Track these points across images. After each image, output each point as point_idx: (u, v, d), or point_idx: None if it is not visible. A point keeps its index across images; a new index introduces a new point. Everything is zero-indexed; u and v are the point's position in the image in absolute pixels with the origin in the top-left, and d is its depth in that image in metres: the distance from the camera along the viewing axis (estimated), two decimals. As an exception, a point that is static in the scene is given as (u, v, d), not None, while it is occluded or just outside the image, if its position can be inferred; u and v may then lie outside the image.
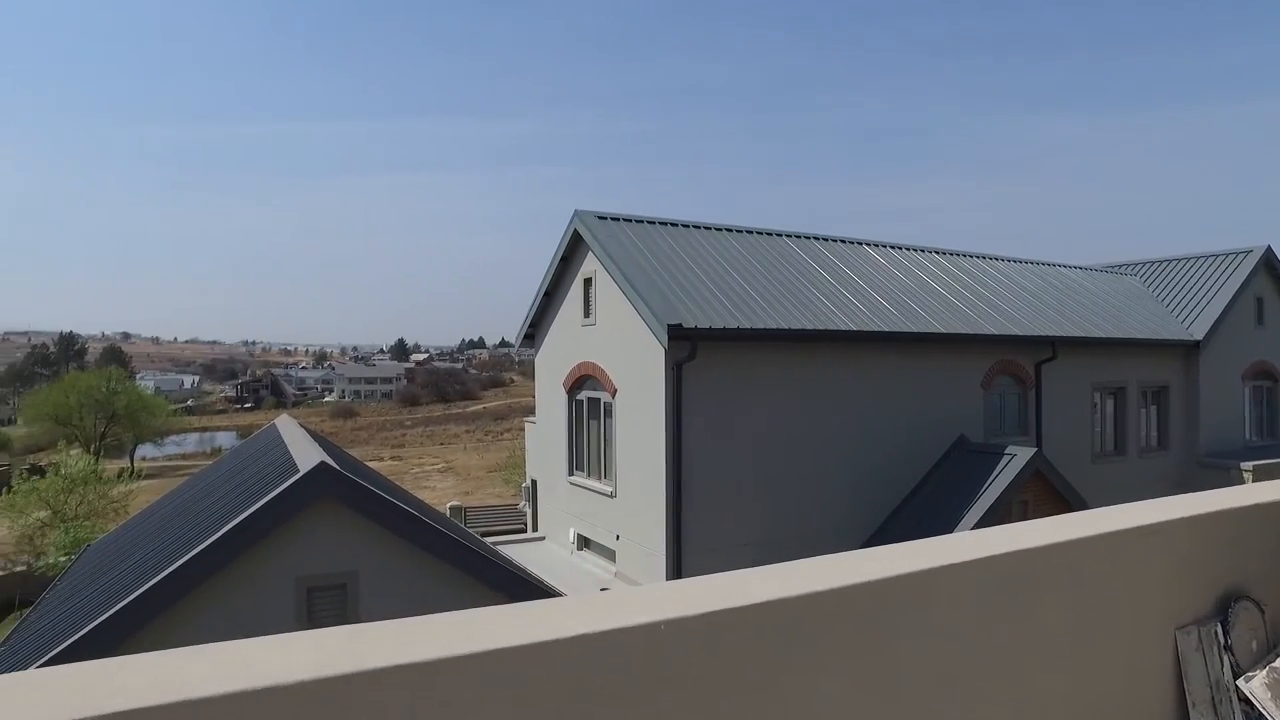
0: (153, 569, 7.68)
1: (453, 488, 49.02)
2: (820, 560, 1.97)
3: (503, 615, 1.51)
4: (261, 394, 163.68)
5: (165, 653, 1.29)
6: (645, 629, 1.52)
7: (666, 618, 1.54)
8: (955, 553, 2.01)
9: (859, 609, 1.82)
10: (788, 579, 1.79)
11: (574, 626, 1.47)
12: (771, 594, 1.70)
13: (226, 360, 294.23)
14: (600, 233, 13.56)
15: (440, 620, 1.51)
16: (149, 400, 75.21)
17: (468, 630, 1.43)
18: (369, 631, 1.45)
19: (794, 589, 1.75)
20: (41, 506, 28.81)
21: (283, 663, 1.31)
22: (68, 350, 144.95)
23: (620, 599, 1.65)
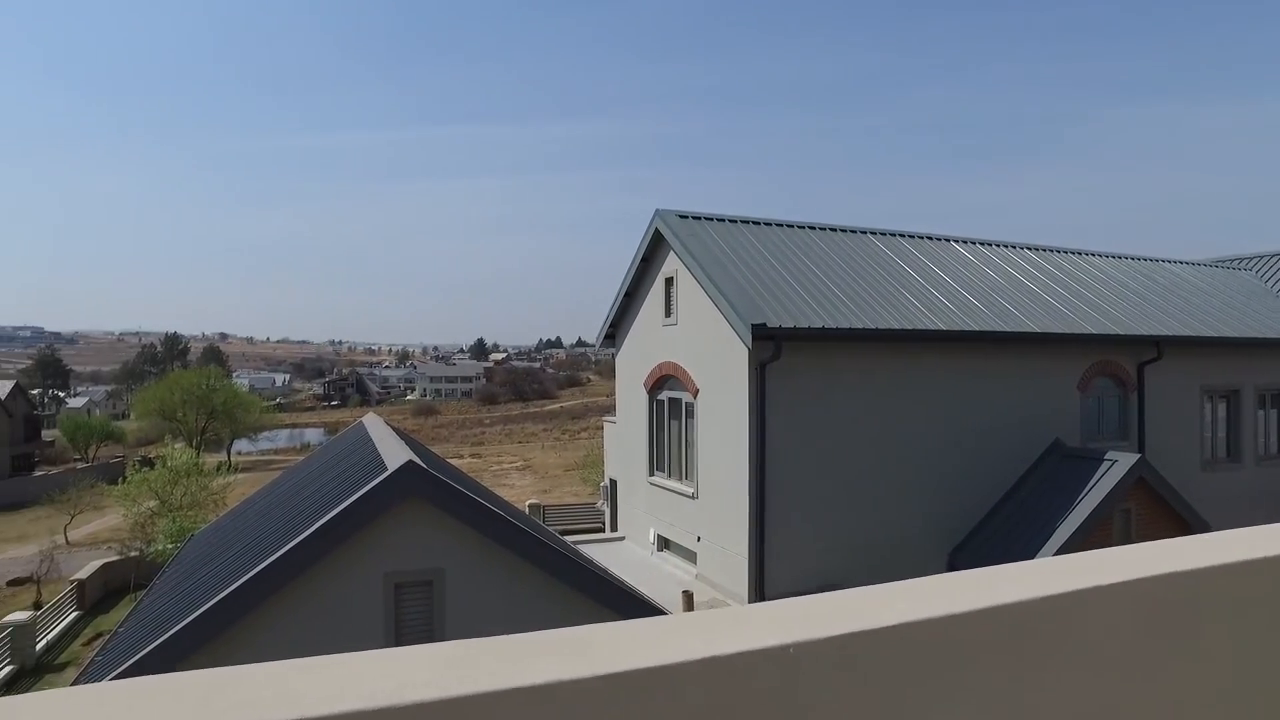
0: (250, 562, 7.93)
1: (531, 486, 49.67)
2: (956, 578, 1.81)
3: (622, 634, 1.40)
4: (347, 392, 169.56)
5: (277, 666, 1.23)
6: (774, 652, 1.40)
7: (795, 640, 1.41)
8: (1104, 572, 1.81)
9: (1002, 633, 1.65)
10: (923, 599, 1.64)
11: (697, 648, 1.35)
12: (907, 615, 1.55)
13: (315, 359, 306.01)
14: (681, 231, 13.45)
15: (555, 638, 1.42)
16: (244, 397, 78.72)
17: (585, 649, 1.34)
18: (481, 649, 1.37)
19: (930, 610, 1.59)
20: (151, 496, 30.41)
21: (396, 681, 1.23)
22: (172, 350, 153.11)
23: (743, 617, 1.53)
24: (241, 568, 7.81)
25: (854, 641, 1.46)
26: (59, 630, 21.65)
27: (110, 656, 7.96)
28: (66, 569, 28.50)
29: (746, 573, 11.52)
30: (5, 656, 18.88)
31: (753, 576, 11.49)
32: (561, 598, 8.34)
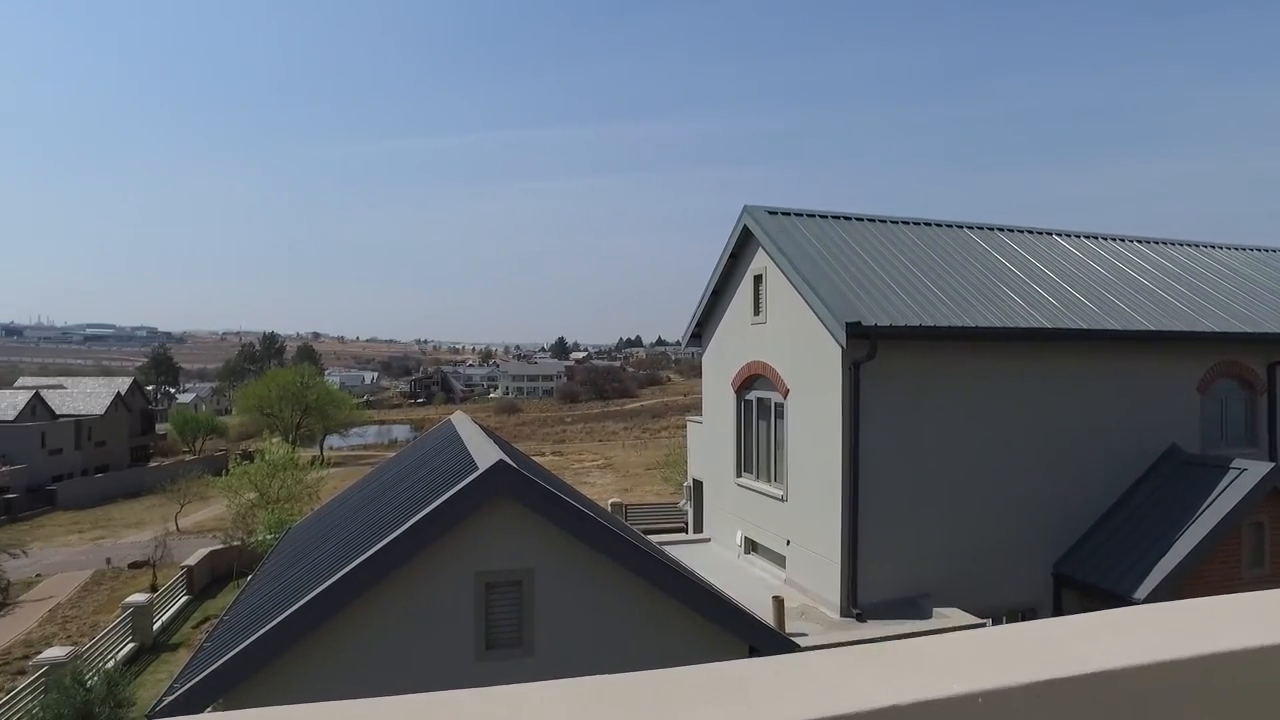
0: (344, 559, 8.06)
1: (612, 484, 49.90)
2: (1156, 611, 1.55)
3: (784, 674, 1.22)
4: (432, 390, 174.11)
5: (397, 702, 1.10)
6: (960, 701, 1.19)
7: (984, 688, 1.20)
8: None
9: (1221, 686, 1.40)
10: (1124, 639, 1.40)
11: (874, 694, 1.16)
12: (1110, 662, 1.31)
13: (401, 358, 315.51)
14: (771, 228, 13.14)
15: (705, 677, 1.23)
16: (335, 395, 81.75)
17: (743, 694, 1.16)
18: (623, 685, 1.20)
19: (1137, 655, 1.35)
20: (251, 488, 31.77)
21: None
22: (270, 348, 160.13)
23: (921, 654, 1.32)
24: (336, 564, 7.94)
25: (1049, 690, 1.24)
26: (172, 612, 22.80)
27: (216, 644, 8.22)
28: (178, 555, 30.07)
29: (839, 579, 11.16)
30: (128, 635, 19.99)
31: (845, 583, 11.12)
32: (650, 601, 8.20)
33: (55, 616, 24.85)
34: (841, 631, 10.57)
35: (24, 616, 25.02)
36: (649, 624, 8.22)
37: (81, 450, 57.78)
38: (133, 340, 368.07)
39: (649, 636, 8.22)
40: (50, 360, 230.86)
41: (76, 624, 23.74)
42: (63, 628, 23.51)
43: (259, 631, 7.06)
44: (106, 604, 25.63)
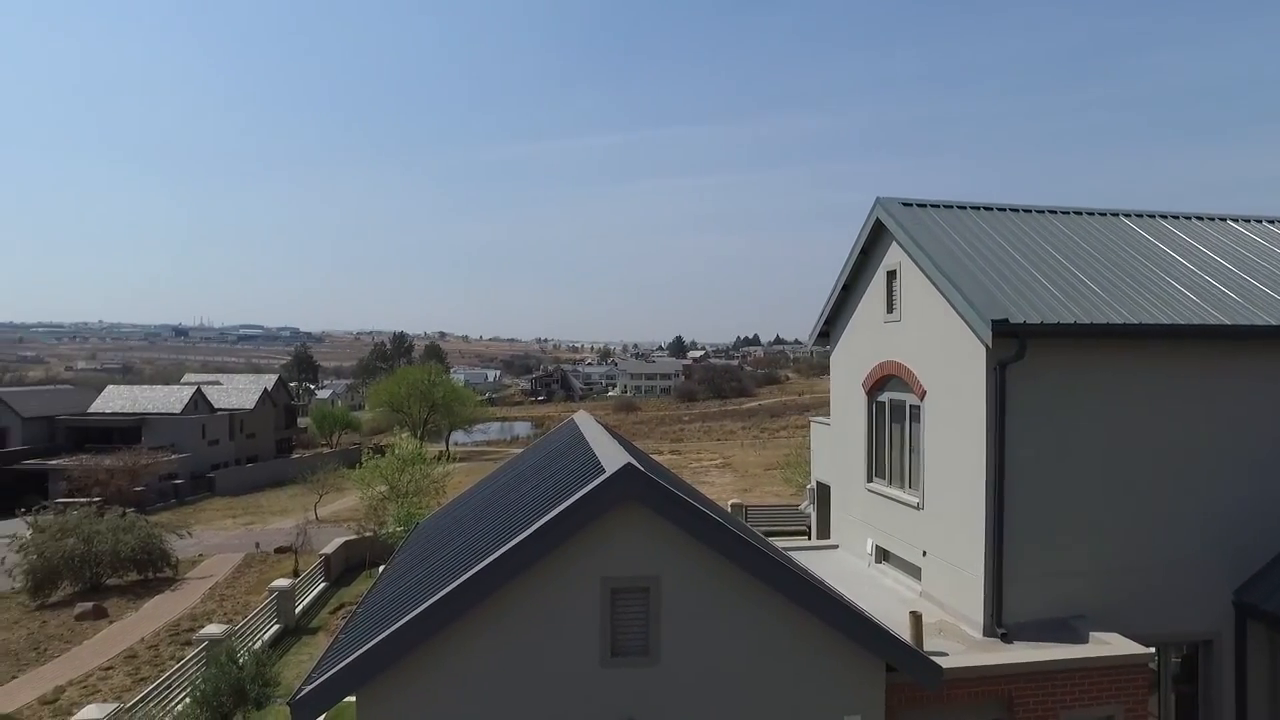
0: (472, 557, 8.07)
1: (731, 484, 49.37)
2: None
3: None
4: (552, 388, 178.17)
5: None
6: None
7: None
8: None
9: None
10: None
11: None
12: None
13: (523, 356, 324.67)
14: (906, 221, 12.41)
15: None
16: (460, 392, 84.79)
17: None
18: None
19: None
20: (382, 481, 33.11)
21: None
22: (399, 347, 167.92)
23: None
24: (464, 564, 7.95)
25: None
26: (311, 597, 24.05)
27: (350, 637, 8.41)
28: (317, 543, 31.78)
29: (981, 596, 10.37)
30: (273, 617, 21.22)
31: (989, 600, 10.32)
32: (781, 612, 7.81)
33: (214, 594, 26.73)
34: (986, 652, 9.81)
35: (189, 592, 27.04)
36: (779, 636, 7.84)
37: (235, 441, 62.24)
38: (278, 340, 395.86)
39: (779, 649, 7.85)
40: (209, 358, 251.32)
41: (231, 602, 25.43)
42: (220, 605, 25.24)
43: (389, 628, 7.13)
44: (255, 585, 27.37)
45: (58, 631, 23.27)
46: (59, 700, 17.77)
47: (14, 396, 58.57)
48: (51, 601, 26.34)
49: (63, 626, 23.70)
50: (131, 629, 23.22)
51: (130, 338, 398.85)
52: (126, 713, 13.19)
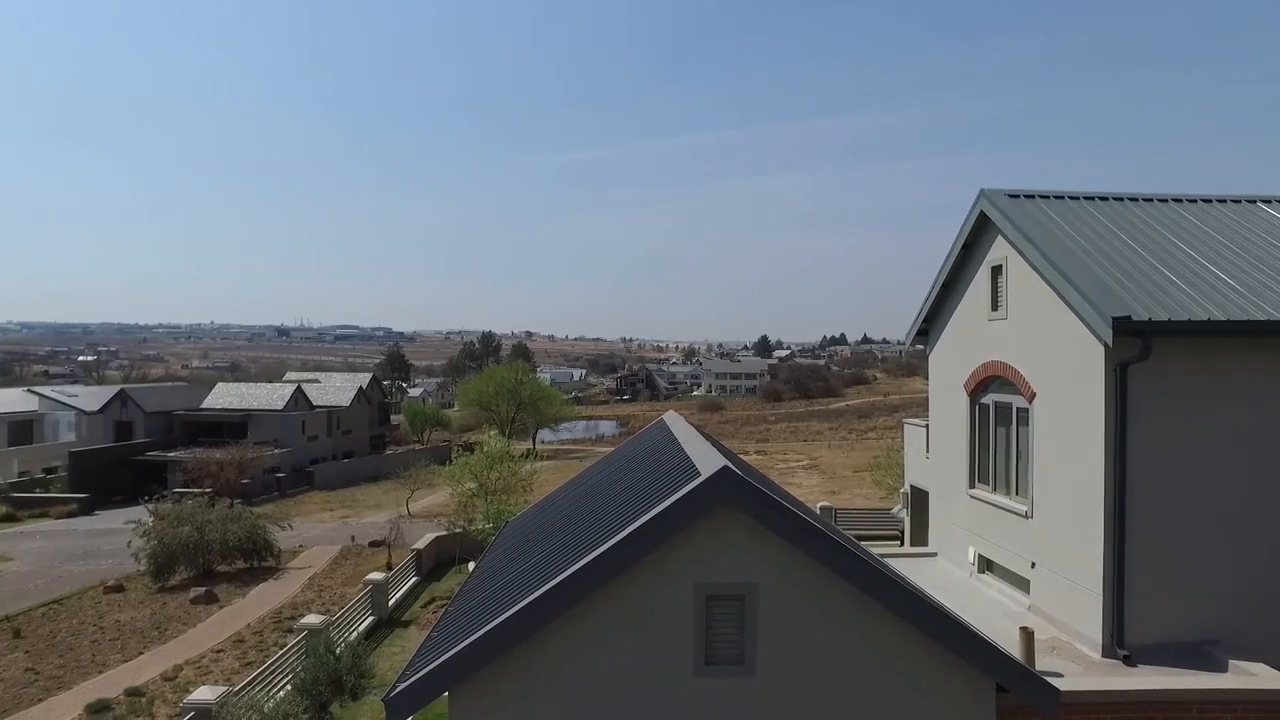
0: (563, 559, 7.97)
1: (818, 486, 48.38)
2: None
3: None
4: (637, 387, 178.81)
5: None
6: None
7: None
8: None
9: None
10: None
11: None
12: None
13: (608, 355, 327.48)
14: (1013, 213, 11.73)
15: None
16: (547, 391, 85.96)
17: None
18: None
19: None
20: (471, 478, 33.74)
21: None
22: (487, 347, 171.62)
23: None
24: (555, 566, 7.86)
25: None
26: (404, 591, 24.65)
27: (442, 635, 8.43)
28: (409, 537, 32.65)
29: (1100, 612, 9.68)
30: (368, 609, 21.83)
31: (1109, 618, 9.62)
32: (883, 625, 7.41)
33: (313, 584, 27.75)
34: (1107, 676, 9.13)
35: (291, 582, 28.17)
36: (882, 651, 7.45)
37: (332, 437, 64.69)
38: (372, 339, 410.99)
39: (882, 665, 7.45)
40: (308, 357, 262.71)
41: (329, 593, 26.33)
42: (318, 595, 26.17)
43: (483, 629, 7.09)
44: (351, 577, 28.28)
45: (175, 613, 24.59)
46: (177, 678, 18.76)
47: (139, 393, 62.49)
48: (170, 585, 27.90)
49: (180, 609, 25.04)
50: (239, 614, 24.31)
51: (238, 338, 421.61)
52: (234, 696, 13.71)
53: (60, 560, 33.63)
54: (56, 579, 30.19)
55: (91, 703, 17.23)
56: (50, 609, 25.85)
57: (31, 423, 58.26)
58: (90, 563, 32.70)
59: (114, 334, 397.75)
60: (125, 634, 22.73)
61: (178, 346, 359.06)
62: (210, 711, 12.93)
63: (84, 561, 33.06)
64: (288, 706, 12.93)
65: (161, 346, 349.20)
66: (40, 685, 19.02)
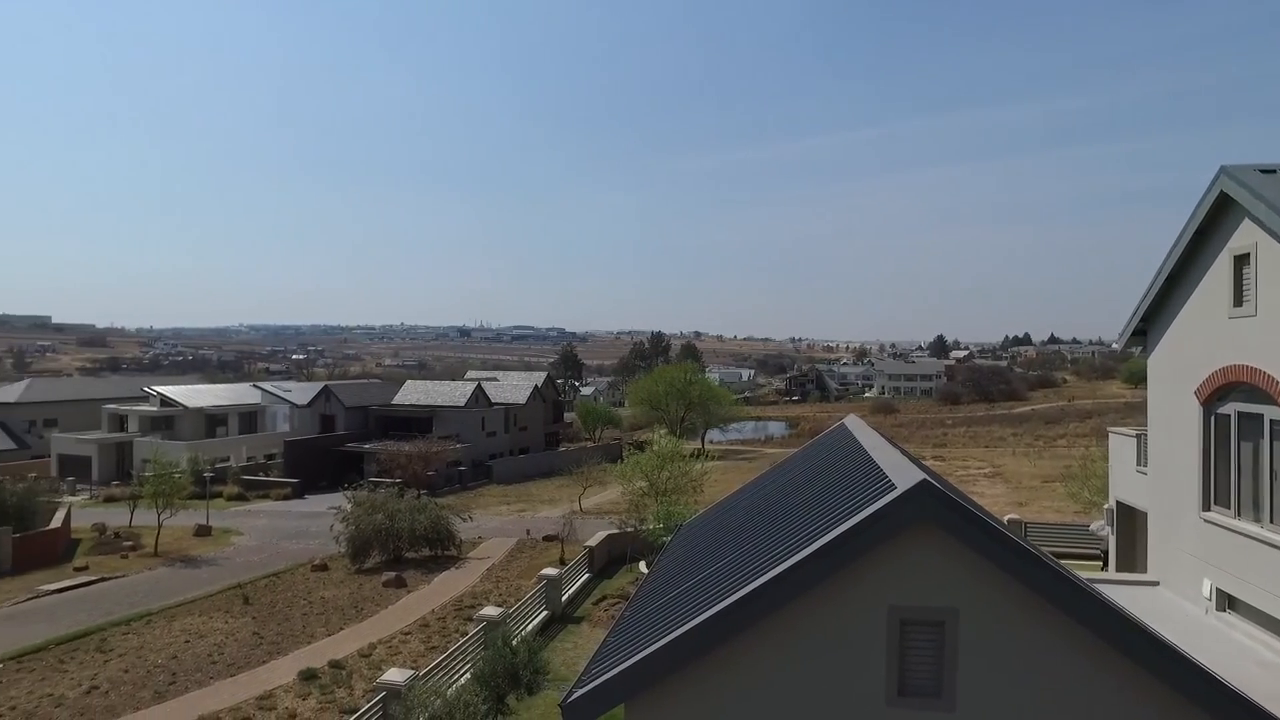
0: (747, 570, 7.61)
1: (1003, 496, 45.06)
2: None
3: None
4: (807, 387, 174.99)
5: None
6: None
7: None
8: None
9: None
10: None
11: None
12: None
13: (776, 356, 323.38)
14: (1267, 191, 10.11)
15: None
16: (716, 391, 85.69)
17: None
18: None
19: None
20: (642, 477, 34.06)
21: None
22: (657, 347, 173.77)
23: None
24: (738, 577, 7.51)
25: None
26: (576, 587, 25.16)
27: (620, 640, 8.31)
28: (582, 533, 33.42)
29: (1382, 665, 8.11)
30: (542, 603, 22.44)
31: (1395, 673, 8.04)
32: (1109, 666, 6.50)
33: (491, 575, 28.99)
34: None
35: (470, 571, 29.60)
36: (1104, 695, 6.53)
37: (509, 434, 67.73)
38: (546, 339, 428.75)
39: (1103, 711, 6.54)
40: (487, 356, 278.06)
41: (505, 584, 27.40)
42: (495, 586, 27.29)
43: (662, 639, 6.86)
44: (526, 570, 29.28)
45: (370, 595, 26.48)
46: (371, 655, 20.15)
47: (340, 389, 68.33)
48: (365, 567, 30.13)
49: (373, 590, 26.94)
50: (424, 600, 25.77)
51: (424, 338, 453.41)
52: (420, 679, 14.40)
53: (278, 537, 37.26)
54: (275, 554, 33.47)
55: (303, 670, 18.81)
56: (270, 581, 28.66)
57: (256, 414, 65.21)
58: (300, 541, 35.98)
59: (320, 335, 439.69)
60: (329, 610, 24.70)
61: (373, 346, 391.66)
62: (400, 692, 13.63)
63: (296, 540, 36.43)
64: (468, 695, 13.40)
65: (359, 346, 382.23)
66: (264, 649, 21.09)
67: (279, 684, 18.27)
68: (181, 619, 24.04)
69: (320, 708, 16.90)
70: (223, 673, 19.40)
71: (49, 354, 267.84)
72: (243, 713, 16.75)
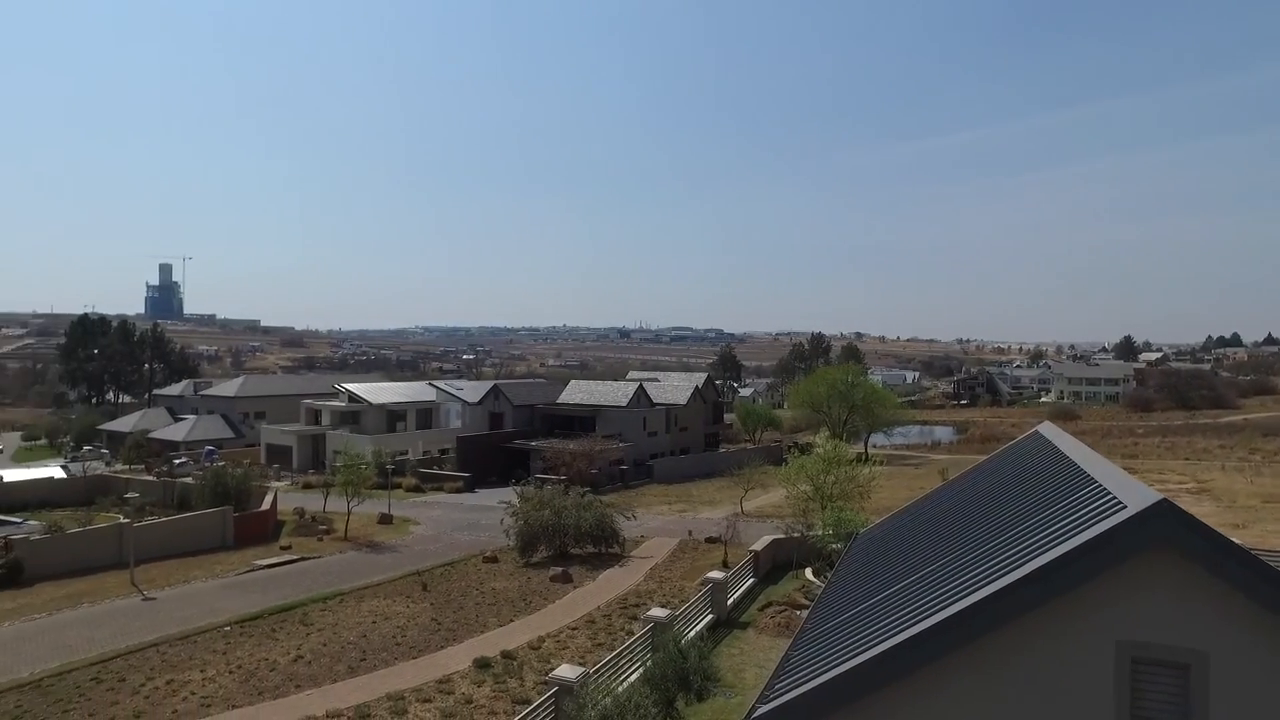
0: (945, 590, 7.04)
1: (1214, 517, 40.31)
2: None
3: None
4: (976, 391, 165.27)
5: None
6: None
7: None
8: None
9: None
10: None
11: None
12: None
13: (942, 357, 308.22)
14: None
15: None
16: (880, 393, 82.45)
17: None
18: None
19: None
20: (806, 481, 33.14)
21: None
22: (816, 348, 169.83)
23: None
24: (935, 597, 6.96)
25: None
26: (741, 591, 24.80)
27: (802, 656, 7.94)
28: (744, 536, 32.99)
29: None
30: (707, 607, 22.27)
31: None
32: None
33: (654, 575, 29.15)
34: None
35: (634, 570, 29.92)
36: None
37: (670, 434, 68.21)
38: (704, 340, 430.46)
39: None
40: (646, 357, 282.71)
41: (668, 585, 27.45)
42: (659, 586, 27.40)
43: (856, 656, 6.46)
44: (689, 571, 29.23)
45: (537, 588, 27.33)
46: (540, 648, 20.74)
47: (508, 388, 71.48)
48: (533, 561, 31.17)
49: (541, 584, 27.79)
50: (590, 596, 26.27)
51: (586, 339, 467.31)
52: (592, 676, 14.58)
53: (451, 528, 39.34)
54: (449, 544, 35.33)
55: (477, 658, 19.63)
56: (445, 570, 30.27)
57: (431, 410, 69.32)
58: (472, 533, 37.78)
59: (488, 336, 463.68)
60: (500, 601, 25.70)
61: (537, 346, 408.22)
62: (571, 688, 13.86)
63: (467, 532, 38.29)
64: (638, 697, 13.41)
65: (524, 347, 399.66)
66: (441, 634, 22.25)
67: (455, 669, 19.15)
68: (369, 600, 25.79)
69: (494, 696, 17.53)
70: (405, 654, 20.59)
71: (258, 354, 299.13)
72: (424, 694, 17.65)
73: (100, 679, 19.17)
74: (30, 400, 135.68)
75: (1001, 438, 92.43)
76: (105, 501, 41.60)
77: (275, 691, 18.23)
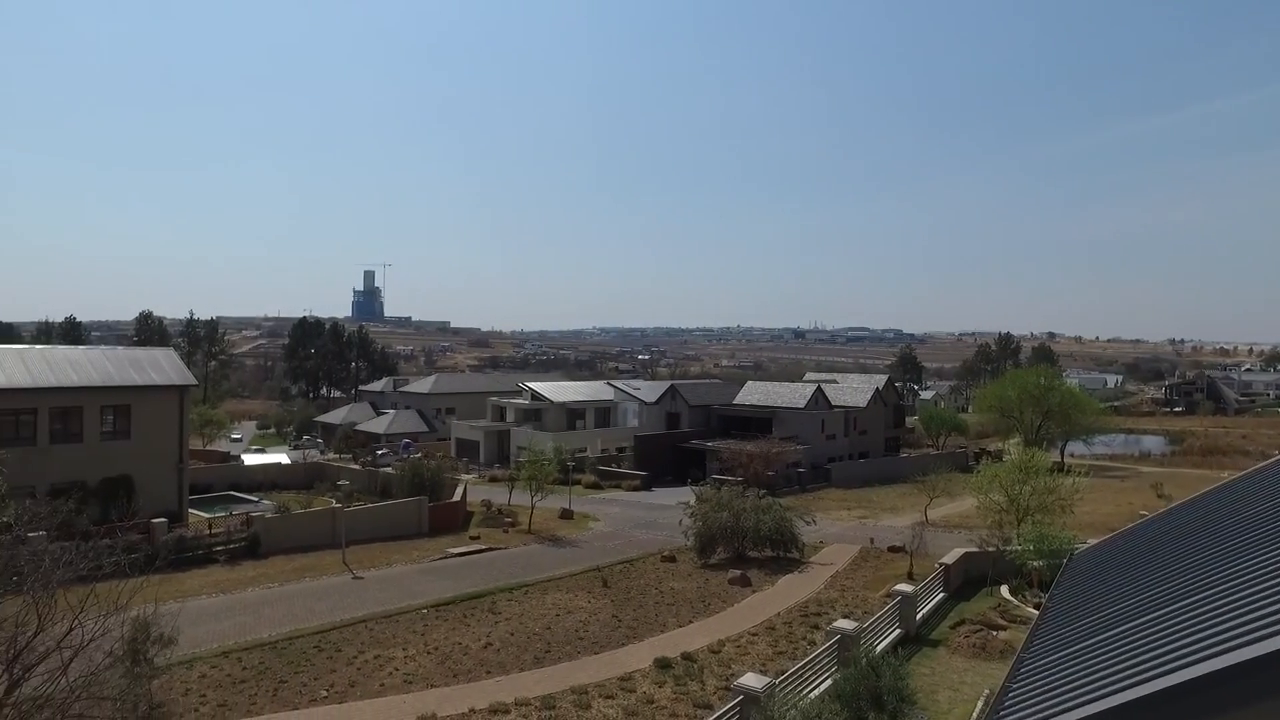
0: (1218, 631, 6.06)
1: None
2: None
3: None
4: (1195, 397, 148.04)
5: None
6: None
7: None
8: None
9: None
10: None
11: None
12: None
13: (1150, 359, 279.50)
14: None
15: None
16: (1079, 398, 75.53)
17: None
18: None
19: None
20: (999, 490, 30.80)
21: None
22: (1005, 349, 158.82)
23: None
24: (1207, 635, 6.00)
25: None
26: (930, 607, 23.40)
27: (1030, 688, 7.15)
28: (931, 547, 31.21)
29: None
30: (895, 621, 21.18)
31: None
32: None
33: (835, 583, 28.16)
34: None
35: (814, 576, 29.06)
36: None
37: (849, 437, 66.04)
38: (882, 341, 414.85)
39: None
40: (821, 358, 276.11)
41: (850, 594, 26.40)
42: (841, 595, 26.40)
43: (1102, 700, 5.67)
44: (871, 581, 27.99)
45: (716, 590, 27.14)
46: (720, 653, 20.51)
47: (684, 388, 72.04)
48: (710, 563, 31.02)
49: (719, 587, 27.58)
50: (769, 601, 25.75)
51: (759, 340, 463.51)
52: (778, 687, 14.14)
53: (629, 526, 40.03)
54: (627, 541, 35.93)
55: (658, 658, 19.70)
56: (624, 567, 30.76)
57: (609, 409, 71.08)
58: (649, 531, 38.21)
59: (663, 336, 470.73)
60: (678, 601, 25.73)
61: (711, 347, 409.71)
62: (758, 699, 13.49)
63: (645, 530, 38.78)
64: (827, 714, 12.83)
65: (698, 347, 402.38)
66: (621, 631, 22.58)
67: (636, 668, 19.30)
68: (552, 593, 26.64)
69: (675, 698, 17.48)
70: (587, 649, 21.03)
71: (448, 353, 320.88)
72: (607, 690, 17.90)
73: (321, 647, 21.04)
74: (263, 394, 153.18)
75: (1228, 450, 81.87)
76: (321, 486, 45.78)
77: (468, 675, 19.17)
